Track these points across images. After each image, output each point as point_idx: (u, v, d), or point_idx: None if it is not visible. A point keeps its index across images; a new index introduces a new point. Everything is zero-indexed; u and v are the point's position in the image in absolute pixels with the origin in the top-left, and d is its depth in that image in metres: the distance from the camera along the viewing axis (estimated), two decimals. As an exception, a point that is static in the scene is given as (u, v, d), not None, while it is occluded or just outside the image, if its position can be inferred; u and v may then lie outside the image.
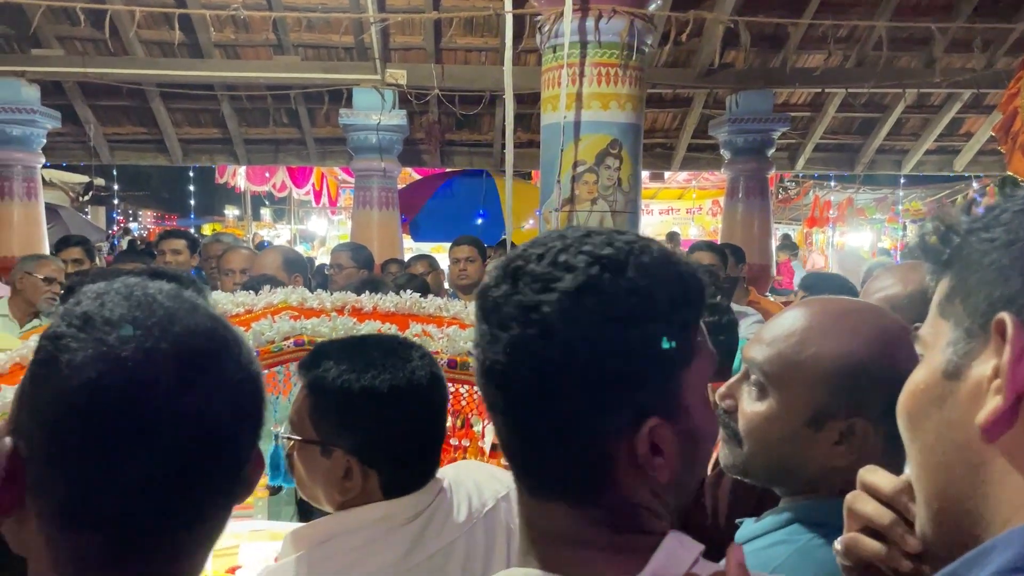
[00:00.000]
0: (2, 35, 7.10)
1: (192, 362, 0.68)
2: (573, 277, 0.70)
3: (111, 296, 0.69)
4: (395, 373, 1.28)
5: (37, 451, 0.66)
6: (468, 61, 7.63)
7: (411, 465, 1.31)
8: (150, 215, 25.36)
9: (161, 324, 0.68)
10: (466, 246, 4.81)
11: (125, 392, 0.65)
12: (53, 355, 0.66)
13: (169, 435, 0.66)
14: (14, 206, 7.19)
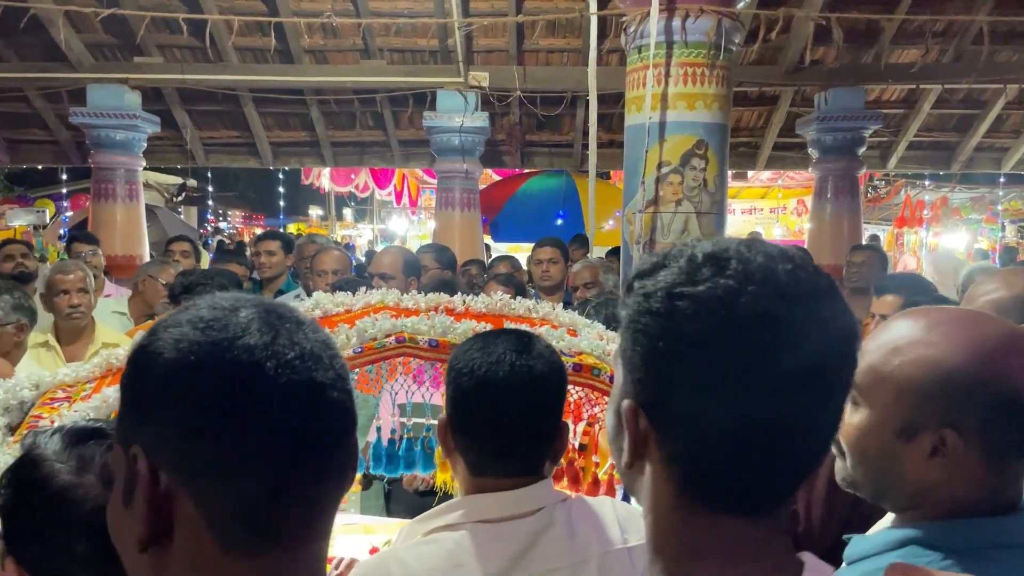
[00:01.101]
0: (107, 44, 7.46)
1: (271, 321, 0.71)
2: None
3: (180, 314, 0.73)
4: (481, 358, 1.35)
5: (170, 450, 0.68)
6: (550, 62, 7.66)
7: (489, 448, 1.36)
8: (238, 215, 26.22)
9: (228, 310, 0.72)
10: (549, 247, 4.83)
11: (238, 365, 0.68)
12: (148, 359, 0.70)
13: (273, 391, 0.68)
14: (117, 207, 7.57)
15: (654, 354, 0.73)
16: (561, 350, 2.03)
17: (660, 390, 0.73)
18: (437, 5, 7.04)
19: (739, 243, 0.75)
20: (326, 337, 0.75)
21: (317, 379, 0.70)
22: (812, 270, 0.74)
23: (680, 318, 0.71)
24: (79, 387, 2.20)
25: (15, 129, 8.53)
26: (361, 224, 27.26)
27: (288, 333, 0.71)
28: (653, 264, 0.76)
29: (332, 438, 0.72)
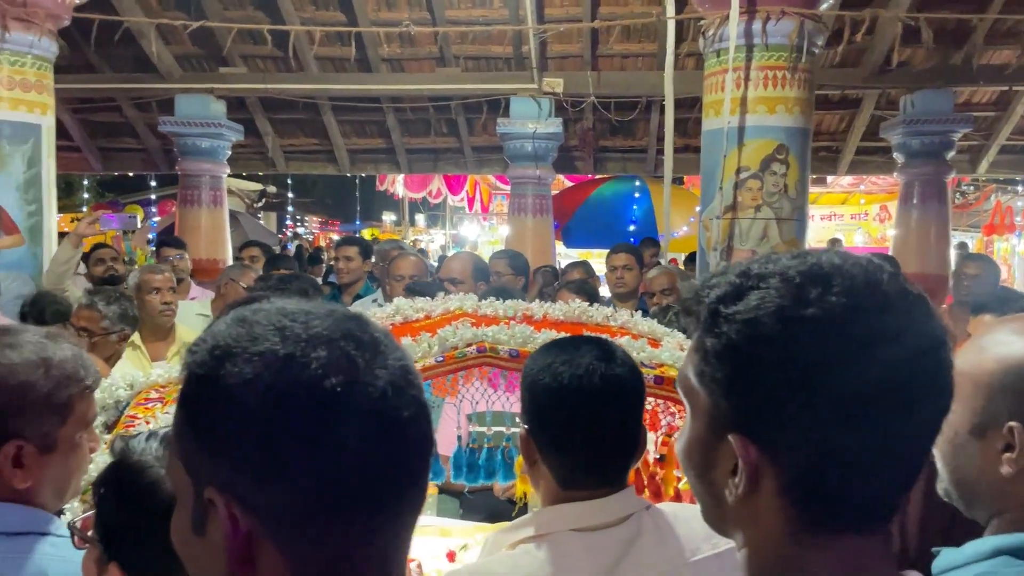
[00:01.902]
0: (195, 56, 7.74)
1: (346, 335, 0.68)
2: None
3: (228, 326, 0.70)
4: (568, 368, 1.33)
5: (249, 486, 0.66)
6: (624, 67, 7.61)
7: (582, 462, 1.34)
8: (315, 220, 26.84)
9: (299, 321, 0.68)
10: (623, 254, 4.78)
11: (309, 380, 0.65)
12: (213, 392, 0.66)
13: (362, 404, 0.66)
14: (202, 212, 7.84)
15: (766, 381, 0.70)
16: (642, 361, 2.00)
17: (774, 417, 0.71)
18: (512, 12, 7.08)
19: (827, 256, 0.74)
20: (404, 361, 0.71)
21: (400, 416, 0.68)
22: (905, 280, 0.74)
23: (795, 343, 0.69)
24: (171, 388, 2.28)
25: (108, 138, 8.93)
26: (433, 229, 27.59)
27: (368, 367, 0.67)
28: (735, 285, 0.74)
29: (413, 475, 0.71)
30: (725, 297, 0.73)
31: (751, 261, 0.76)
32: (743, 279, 0.74)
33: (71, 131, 8.36)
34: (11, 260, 5.03)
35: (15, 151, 5.08)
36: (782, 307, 0.70)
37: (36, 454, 1.29)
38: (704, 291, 0.76)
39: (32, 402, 1.28)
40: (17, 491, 1.28)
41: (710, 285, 0.76)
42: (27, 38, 5.06)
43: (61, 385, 1.31)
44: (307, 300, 0.75)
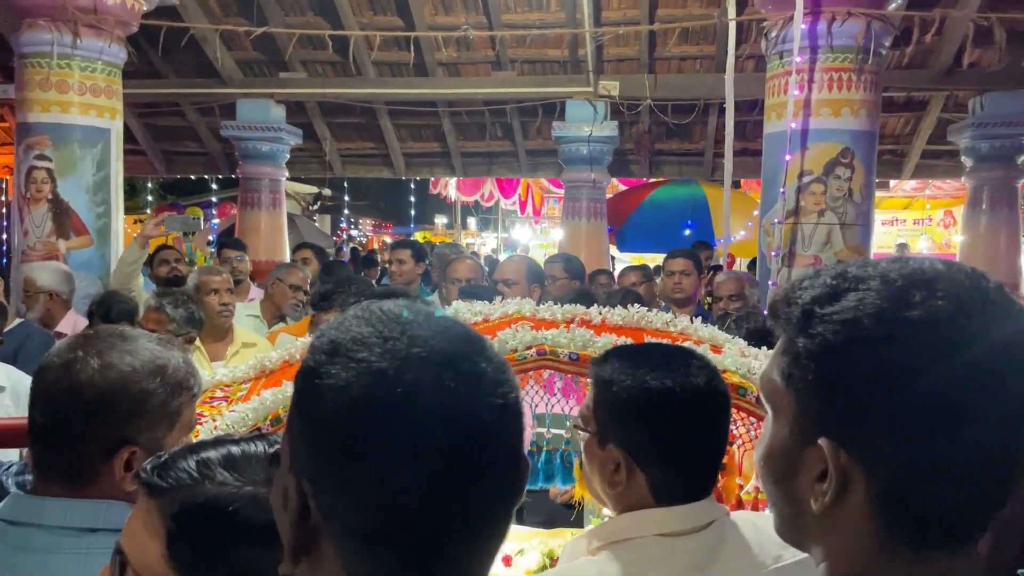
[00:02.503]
0: (256, 61, 7.89)
1: (445, 361, 0.67)
2: None
3: (351, 320, 0.70)
4: (672, 376, 1.30)
5: (325, 484, 0.67)
6: (682, 70, 7.53)
7: (680, 472, 1.31)
8: (369, 223, 27.17)
9: (406, 333, 0.68)
10: (681, 259, 4.72)
11: (390, 400, 0.65)
12: (313, 387, 0.67)
13: (442, 435, 0.65)
14: (261, 215, 7.99)
15: (862, 384, 0.68)
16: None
17: (868, 422, 0.68)
18: (568, 16, 7.06)
19: (929, 261, 0.72)
20: (506, 400, 0.69)
21: (481, 461, 0.67)
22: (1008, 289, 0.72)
23: (896, 345, 0.67)
24: (235, 387, 2.31)
25: (171, 141, 9.16)
26: (485, 233, 27.70)
27: (459, 400, 0.66)
28: (831, 287, 0.71)
29: (483, 523, 0.69)
30: (820, 298, 0.71)
31: (845, 264, 0.73)
32: (839, 281, 0.71)
33: (136, 135, 8.59)
34: (80, 260, 5.18)
35: (85, 154, 5.24)
36: (883, 309, 0.68)
37: (144, 459, 1.31)
38: (795, 293, 0.74)
39: (148, 409, 1.29)
40: (127, 494, 1.30)
41: (802, 287, 0.74)
42: (97, 44, 5.21)
43: (174, 393, 1.32)
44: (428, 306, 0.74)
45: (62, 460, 1.28)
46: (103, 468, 1.28)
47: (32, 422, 1.32)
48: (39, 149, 5.17)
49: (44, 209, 5.18)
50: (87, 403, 1.26)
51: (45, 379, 1.30)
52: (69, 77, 5.16)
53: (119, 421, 1.28)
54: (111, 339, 1.34)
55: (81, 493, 1.26)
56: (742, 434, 2.11)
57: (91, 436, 1.27)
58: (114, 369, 1.28)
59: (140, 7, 5.43)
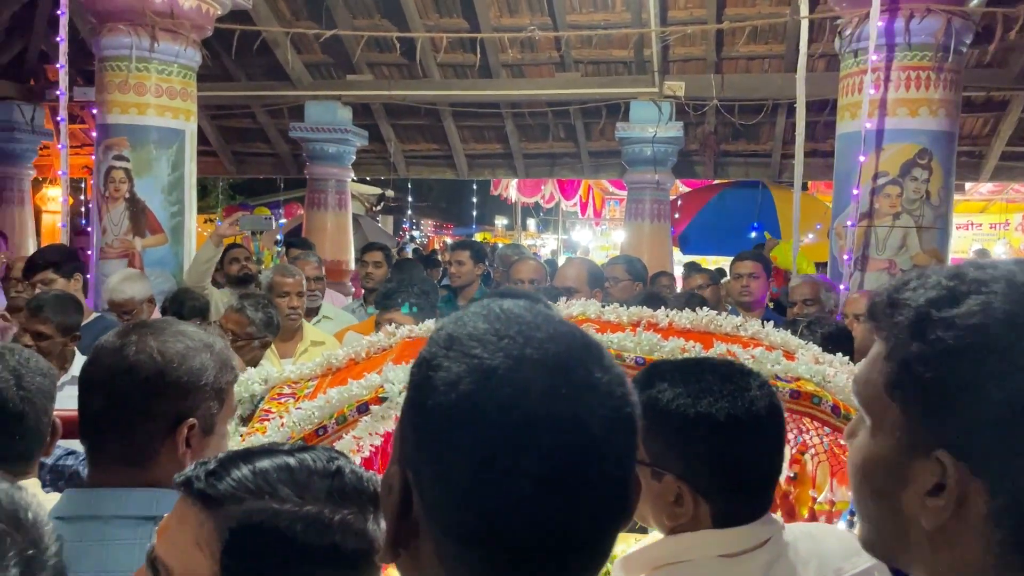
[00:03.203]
0: (324, 64, 8.03)
1: (559, 365, 0.66)
2: None
3: (469, 316, 0.70)
4: (733, 402, 1.24)
5: (427, 477, 0.66)
6: (750, 69, 7.39)
7: (745, 497, 1.27)
8: (430, 224, 27.44)
9: (523, 333, 0.67)
10: (750, 262, 4.62)
11: (500, 400, 0.64)
12: (426, 377, 0.67)
13: (548, 441, 0.63)
14: (327, 215, 8.12)
15: (988, 394, 0.64)
16: (776, 374, 1.91)
17: (993, 434, 0.64)
18: (634, 16, 7.00)
19: None
20: (618, 414, 0.67)
21: (583, 475, 0.64)
22: None
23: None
24: (303, 384, 2.34)
25: (241, 143, 9.39)
26: (544, 234, 27.68)
27: (566, 409, 0.64)
28: (949, 288, 0.67)
29: (581, 540, 0.67)
30: (937, 301, 0.67)
31: (962, 265, 0.69)
32: (956, 282, 0.67)
33: (208, 136, 8.82)
34: (154, 258, 5.34)
35: (161, 155, 5.40)
36: (1012, 313, 0.64)
37: (200, 435, 1.33)
38: (901, 295, 0.70)
39: (203, 384, 1.32)
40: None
41: (908, 288, 0.69)
42: (174, 48, 5.37)
43: (222, 371, 1.36)
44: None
45: (121, 443, 1.30)
46: (162, 447, 1.30)
47: (87, 409, 1.34)
48: (117, 150, 5.35)
49: (122, 208, 5.35)
50: (147, 379, 1.28)
51: (100, 364, 1.33)
52: (147, 80, 5.32)
53: (178, 395, 1.30)
54: (158, 325, 1.38)
55: (139, 476, 1.29)
56: (815, 444, 2.05)
57: (151, 413, 1.30)
58: (169, 347, 1.31)
59: (215, 11, 5.57)
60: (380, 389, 1.85)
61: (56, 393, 1.82)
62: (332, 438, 1.83)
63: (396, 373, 1.87)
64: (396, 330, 2.47)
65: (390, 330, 2.50)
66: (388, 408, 1.82)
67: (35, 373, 1.73)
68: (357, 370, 2.32)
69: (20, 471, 1.70)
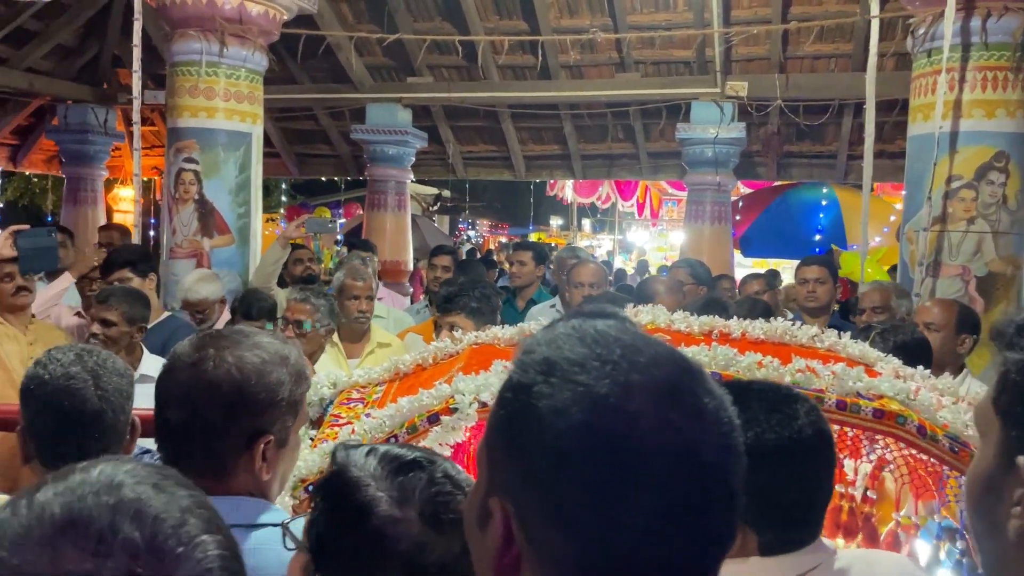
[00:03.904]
0: (385, 67, 8.12)
1: (667, 392, 0.65)
2: None
3: (563, 338, 0.68)
4: (780, 432, 1.22)
5: (530, 508, 0.65)
6: (815, 69, 7.22)
7: (793, 526, 1.25)
8: (485, 224, 27.55)
9: (626, 357, 0.65)
10: (816, 266, 4.53)
11: (613, 430, 0.62)
12: (527, 405, 0.65)
13: (663, 471, 0.62)
14: (387, 216, 8.22)
15: None
16: (858, 392, 1.86)
17: None
18: (696, 15, 6.91)
19: None
20: (728, 440, 0.66)
21: (703, 500, 0.64)
22: None
23: None
24: (371, 389, 2.37)
25: (304, 144, 9.55)
26: (600, 235, 27.54)
27: (681, 436, 0.63)
28: None
29: (717, 544, 0.66)
30: None
31: None
32: None
33: (272, 138, 8.99)
34: (222, 259, 5.46)
35: (228, 157, 5.52)
36: None
37: (275, 448, 1.34)
38: None
39: (280, 399, 1.33)
40: (259, 486, 1.34)
41: None
42: (242, 53, 5.48)
43: (298, 382, 1.37)
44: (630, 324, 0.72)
45: (199, 456, 1.31)
46: (238, 461, 1.32)
47: (164, 423, 1.35)
48: (187, 152, 5.49)
49: (191, 209, 5.49)
50: (225, 396, 1.30)
51: (177, 379, 1.34)
52: (215, 84, 5.45)
53: (256, 411, 1.32)
54: (234, 336, 1.39)
55: (216, 488, 1.29)
56: (895, 458, 1.98)
57: (229, 429, 1.31)
58: (247, 362, 1.32)
59: (281, 16, 5.68)
60: (450, 400, 1.85)
61: (133, 391, 1.87)
62: (403, 446, 1.86)
63: (466, 384, 1.88)
64: (462, 337, 2.48)
65: (457, 336, 2.51)
66: (458, 419, 1.83)
67: (112, 373, 1.78)
68: (424, 376, 2.34)
69: (101, 470, 1.76)
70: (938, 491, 1.94)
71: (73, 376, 1.71)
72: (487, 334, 2.41)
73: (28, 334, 3.72)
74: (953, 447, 1.79)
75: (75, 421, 1.70)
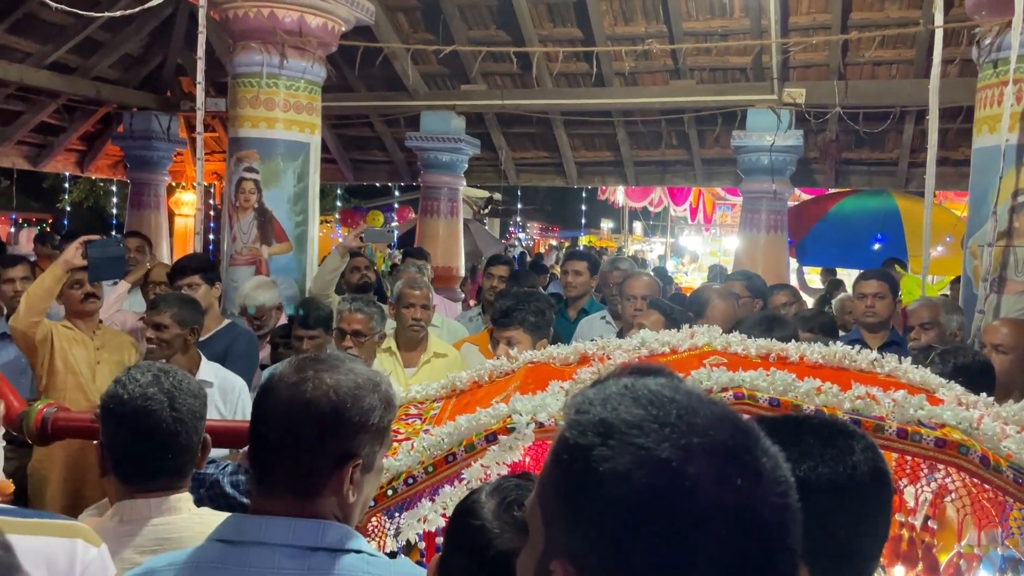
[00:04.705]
0: (439, 75, 8.19)
1: (726, 453, 0.66)
2: None
3: (618, 399, 0.69)
4: (834, 467, 1.20)
5: (595, 571, 0.66)
6: (876, 75, 7.08)
7: (848, 564, 1.22)
8: (536, 226, 27.57)
9: (683, 419, 0.67)
10: (875, 281, 4.43)
11: (676, 494, 0.64)
12: (587, 469, 0.66)
13: (726, 533, 0.64)
14: (440, 223, 8.29)
15: None
16: (919, 420, 1.83)
17: None
18: (753, 22, 6.83)
19: None
20: (786, 499, 0.68)
21: (766, 562, 0.65)
22: None
23: None
24: (428, 405, 2.41)
25: (359, 151, 9.70)
26: (651, 238, 27.34)
27: (742, 498, 0.65)
28: None
29: None
30: None
31: None
32: None
33: (328, 144, 9.15)
34: (280, 265, 5.59)
35: (288, 167, 5.64)
36: None
37: (362, 472, 1.39)
38: None
39: (371, 423, 1.38)
40: (343, 506, 1.38)
41: None
42: (301, 64, 5.60)
43: (387, 410, 1.42)
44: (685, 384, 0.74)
45: (291, 473, 1.36)
46: (328, 481, 1.36)
47: (260, 439, 1.40)
48: (248, 162, 5.63)
49: (251, 217, 5.62)
50: (322, 416, 1.34)
51: (277, 396, 1.39)
52: (275, 95, 5.58)
53: (348, 434, 1.36)
54: (331, 361, 1.44)
55: (304, 507, 1.35)
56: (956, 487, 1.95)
57: (322, 449, 1.35)
58: (344, 385, 1.37)
59: (339, 28, 5.78)
60: (508, 419, 1.88)
61: (206, 412, 1.94)
62: (461, 465, 1.88)
63: (524, 404, 1.90)
64: (518, 356, 2.51)
65: (513, 354, 2.54)
66: (515, 439, 1.85)
67: (187, 394, 1.85)
68: (481, 394, 2.37)
69: (173, 486, 1.83)
70: (1001, 521, 1.90)
71: (150, 397, 1.78)
72: (543, 353, 2.43)
73: (95, 339, 3.88)
74: (1017, 478, 1.75)
75: (150, 440, 1.77)
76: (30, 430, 2.41)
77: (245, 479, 2.38)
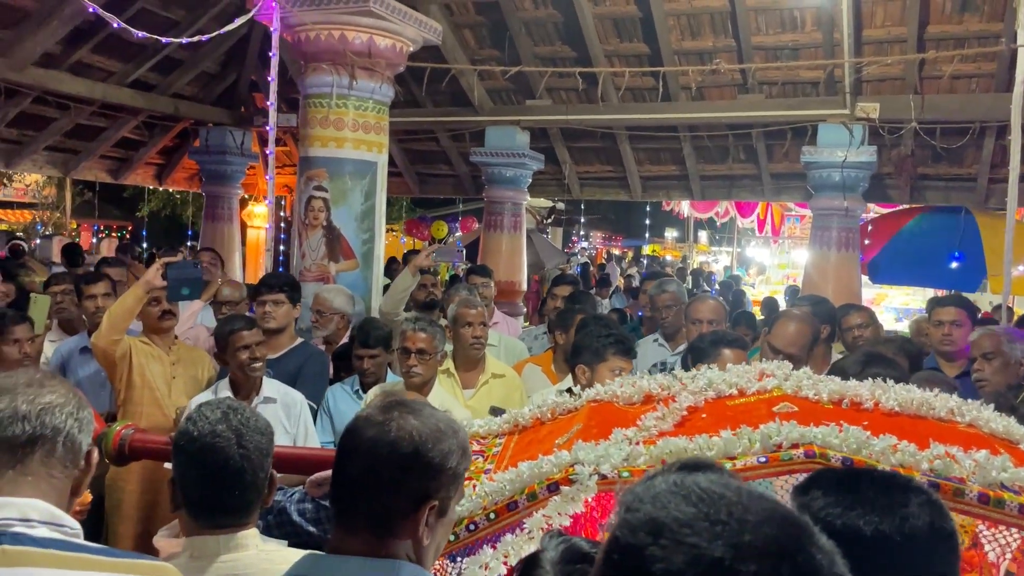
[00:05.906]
0: (504, 90, 8.23)
1: (779, 552, 0.65)
2: None
3: (667, 496, 0.69)
4: (884, 516, 1.18)
5: None
6: (954, 89, 6.83)
7: None
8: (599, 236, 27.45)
9: (734, 516, 0.66)
10: (953, 308, 4.30)
11: None
12: (640, 569, 0.66)
13: None
14: (503, 237, 8.32)
15: None
16: (1002, 483, 1.74)
17: None
18: (825, 35, 6.67)
19: None
20: None
21: None
22: None
23: None
24: (491, 441, 2.41)
25: (425, 164, 9.81)
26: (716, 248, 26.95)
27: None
28: None
29: None
30: None
31: None
32: None
33: (395, 158, 9.28)
34: (346, 282, 5.67)
35: (355, 186, 5.73)
36: None
37: (436, 516, 1.42)
38: None
39: (448, 467, 1.42)
40: (417, 548, 1.40)
41: None
42: (370, 85, 5.69)
43: (463, 457, 1.46)
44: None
45: (370, 511, 1.40)
46: (405, 522, 1.40)
47: (342, 475, 1.46)
48: (318, 180, 5.74)
49: (319, 235, 5.73)
50: (404, 455, 1.39)
51: (363, 435, 1.44)
52: (345, 115, 5.68)
53: (427, 476, 1.40)
54: (414, 405, 1.50)
55: (379, 546, 1.39)
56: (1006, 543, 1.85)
57: (402, 489, 1.40)
58: (427, 427, 1.42)
59: (407, 48, 5.86)
60: (570, 469, 1.87)
61: (272, 448, 1.98)
62: (523, 514, 1.87)
63: (586, 453, 1.88)
64: (581, 393, 2.49)
65: (576, 391, 2.52)
66: (577, 490, 1.84)
67: (255, 432, 1.89)
68: (544, 432, 2.36)
69: (241, 522, 1.87)
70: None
71: (219, 435, 1.82)
72: (606, 390, 2.40)
73: (171, 354, 4.01)
74: (1111, 547, 1.66)
75: (217, 477, 1.82)
76: (108, 450, 2.50)
77: (312, 507, 2.42)
